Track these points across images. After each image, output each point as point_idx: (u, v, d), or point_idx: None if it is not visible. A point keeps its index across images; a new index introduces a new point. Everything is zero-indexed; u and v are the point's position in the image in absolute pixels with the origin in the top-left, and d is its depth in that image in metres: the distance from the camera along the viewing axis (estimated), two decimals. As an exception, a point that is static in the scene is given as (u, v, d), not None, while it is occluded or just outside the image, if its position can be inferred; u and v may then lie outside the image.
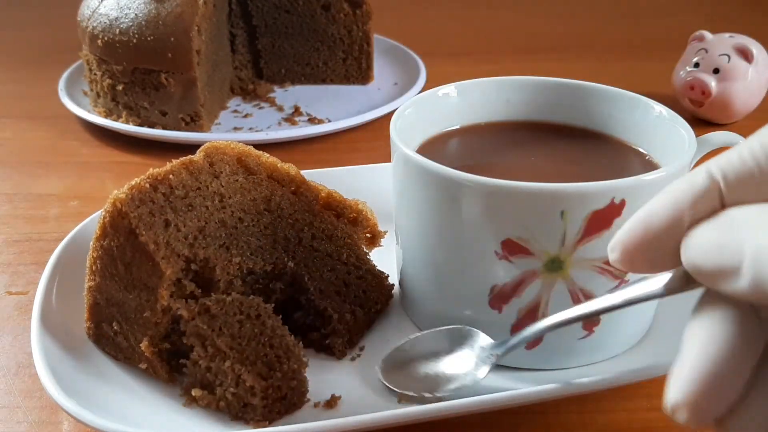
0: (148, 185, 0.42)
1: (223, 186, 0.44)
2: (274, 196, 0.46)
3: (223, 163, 0.45)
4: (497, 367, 0.43)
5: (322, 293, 0.46)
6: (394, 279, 0.49)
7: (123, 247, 0.41)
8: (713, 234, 0.24)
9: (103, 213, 0.41)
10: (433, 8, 1.27)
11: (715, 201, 0.25)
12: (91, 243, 0.43)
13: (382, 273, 0.49)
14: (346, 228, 0.47)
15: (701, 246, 0.25)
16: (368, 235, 0.49)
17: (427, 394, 0.40)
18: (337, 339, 0.45)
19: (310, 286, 0.45)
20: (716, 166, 0.25)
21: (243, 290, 0.44)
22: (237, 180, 0.45)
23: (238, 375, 0.39)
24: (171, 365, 0.43)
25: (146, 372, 0.43)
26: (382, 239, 0.49)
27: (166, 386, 0.42)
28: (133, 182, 0.42)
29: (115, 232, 0.41)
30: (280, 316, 0.43)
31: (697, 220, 0.25)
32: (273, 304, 0.44)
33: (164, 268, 0.40)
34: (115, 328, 0.43)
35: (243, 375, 0.39)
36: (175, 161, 0.44)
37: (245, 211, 0.45)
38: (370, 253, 0.49)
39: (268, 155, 0.47)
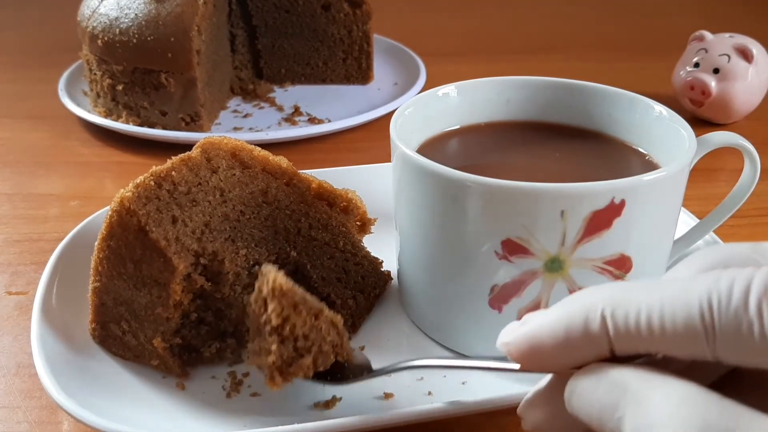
0: (152, 183, 0.42)
1: (222, 180, 0.45)
2: (270, 189, 0.47)
3: (219, 158, 0.45)
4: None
5: (324, 280, 0.47)
6: (387, 265, 0.50)
7: (132, 245, 0.41)
8: (595, 394, 0.24)
9: (110, 212, 0.42)
10: (433, 8, 1.27)
11: (604, 347, 0.25)
12: (96, 244, 0.43)
13: (377, 259, 0.50)
14: (338, 217, 0.48)
15: (584, 403, 0.25)
16: (358, 223, 0.50)
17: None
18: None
19: (312, 274, 0.46)
20: (611, 317, 0.24)
21: (249, 282, 0.45)
22: (234, 174, 0.45)
23: (331, 320, 0.38)
24: (182, 359, 0.43)
25: (157, 368, 0.43)
26: (372, 226, 0.50)
27: (167, 386, 0.42)
28: (137, 180, 0.42)
29: (123, 230, 0.41)
30: None
31: (584, 358, 0.25)
32: None
33: (177, 263, 0.41)
34: (124, 327, 0.43)
35: (334, 319, 0.38)
36: (174, 158, 0.44)
37: (245, 204, 0.45)
38: (362, 241, 0.50)
39: (260, 149, 0.47)
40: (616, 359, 0.25)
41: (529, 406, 0.28)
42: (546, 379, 0.28)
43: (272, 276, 0.36)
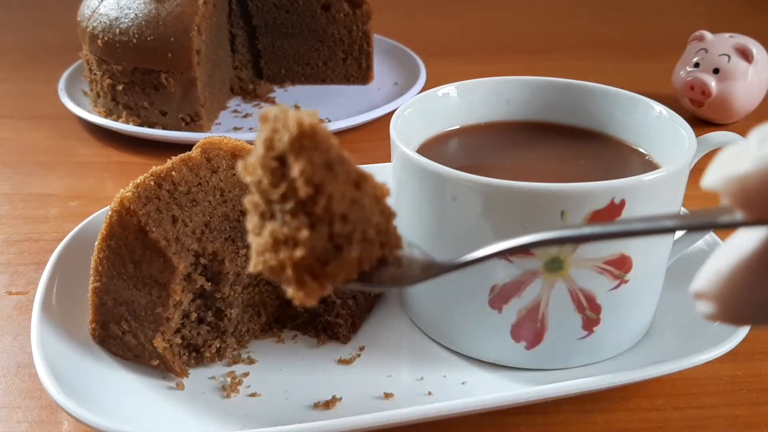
0: (152, 183, 0.42)
1: (222, 180, 0.45)
2: None
3: (219, 158, 0.45)
4: (497, 367, 0.43)
5: None
6: None
7: (132, 245, 0.41)
8: None
9: (110, 212, 0.42)
10: (433, 8, 1.27)
11: None
12: (96, 244, 0.43)
13: None
14: None
15: None
16: None
17: None
18: (341, 323, 0.45)
19: None
20: None
21: (250, 282, 0.45)
22: (234, 174, 0.46)
23: (374, 192, 0.27)
24: (182, 359, 0.43)
25: (157, 368, 0.43)
26: None
27: (166, 386, 0.42)
28: (137, 180, 0.42)
29: (123, 230, 0.41)
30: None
31: None
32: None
33: (177, 263, 0.41)
34: (124, 327, 0.43)
35: (378, 191, 0.28)
36: (174, 158, 0.44)
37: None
38: None
39: None
40: None
41: (725, 281, 0.19)
42: (753, 237, 0.19)
43: (294, 116, 0.23)
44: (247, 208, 0.24)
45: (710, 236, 0.50)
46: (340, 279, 0.24)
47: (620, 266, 0.40)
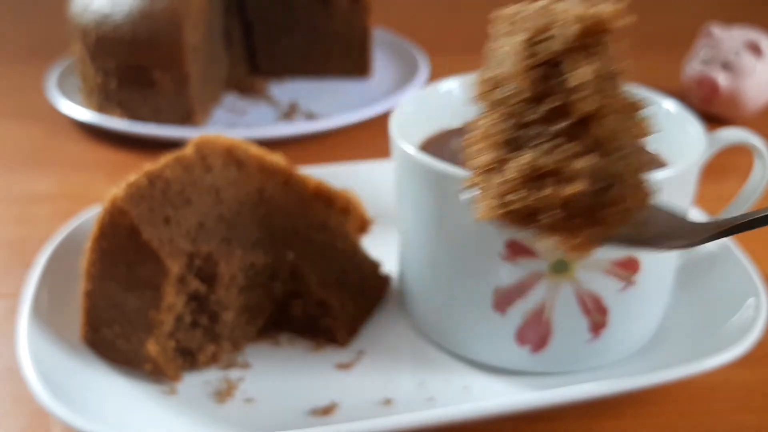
0: (145, 182, 0.42)
1: (216, 179, 0.44)
2: (266, 188, 0.46)
3: (214, 156, 0.44)
4: (500, 371, 0.42)
5: (323, 283, 0.45)
6: (386, 267, 0.49)
7: (124, 246, 0.41)
8: None
9: (102, 213, 0.41)
10: (436, 1, 1.25)
11: None
12: (88, 245, 0.42)
13: (375, 261, 0.49)
14: (337, 217, 0.47)
15: None
16: (357, 223, 0.49)
17: None
18: (340, 326, 0.44)
19: (311, 276, 0.45)
20: None
21: (246, 284, 0.44)
22: (229, 173, 0.45)
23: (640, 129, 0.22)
24: (176, 363, 0.42)
25: (151, 373, 0.42)
26: (371, 225, 0.49)
27: (159, 391, 0.41)
28: (130, 180, 0.41)
29: (115, 231, 0.41)
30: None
31: None
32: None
33: (170, 265, 0.40)
34: (116, 330, 0.42)
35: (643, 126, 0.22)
36: (167, 156, 0.43)
37: (241, 203, 0.45)
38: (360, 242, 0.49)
39: (256, 146, 0.47)
40: None
41: None
42: None
43: (570, 9, 0.18)
44: (477, 139, 0.18)
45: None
46: (613, 229, 0.18)
47: (628, 268, 0.39)
